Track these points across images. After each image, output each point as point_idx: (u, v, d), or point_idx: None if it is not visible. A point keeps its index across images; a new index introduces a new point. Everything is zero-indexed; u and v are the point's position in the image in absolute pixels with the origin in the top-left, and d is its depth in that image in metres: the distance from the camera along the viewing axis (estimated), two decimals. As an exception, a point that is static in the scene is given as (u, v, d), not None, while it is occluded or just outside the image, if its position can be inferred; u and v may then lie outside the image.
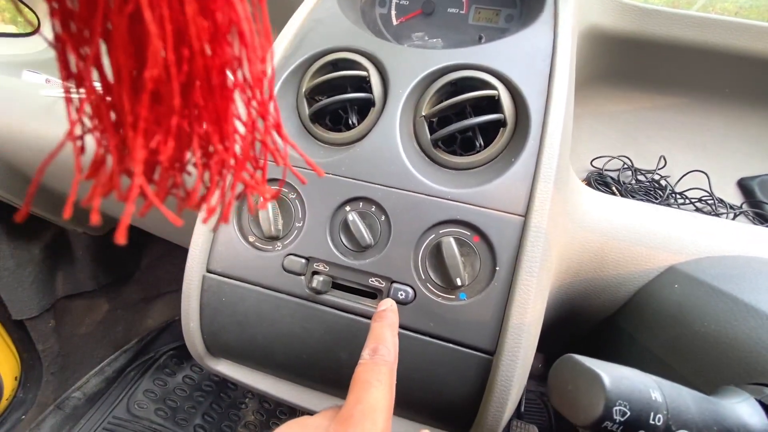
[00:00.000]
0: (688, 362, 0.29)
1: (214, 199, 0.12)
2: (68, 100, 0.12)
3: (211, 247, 0.38)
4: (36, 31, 0.81)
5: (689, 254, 0.36)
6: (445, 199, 0.34)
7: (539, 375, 1.07)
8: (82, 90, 0.12)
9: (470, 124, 0.37)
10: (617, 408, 0.17)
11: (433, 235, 0.34)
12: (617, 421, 0.17)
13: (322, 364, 0.36)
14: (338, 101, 0.40)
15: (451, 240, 0.33)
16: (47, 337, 0.90)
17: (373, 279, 0.35)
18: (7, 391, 0.89)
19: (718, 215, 0.54)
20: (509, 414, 0.33)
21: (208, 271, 0.38)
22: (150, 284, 1.09)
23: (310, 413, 0.38)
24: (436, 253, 0.34)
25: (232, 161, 0.12)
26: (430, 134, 0.38)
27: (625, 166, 0.59)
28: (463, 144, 0.40)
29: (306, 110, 0.41)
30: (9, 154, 0.58)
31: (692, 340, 0.29)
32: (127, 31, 0.09)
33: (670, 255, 0.36)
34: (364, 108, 0.41)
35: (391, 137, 0.37)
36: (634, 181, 0.57)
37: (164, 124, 0.10)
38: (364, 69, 0.41)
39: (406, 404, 0.36)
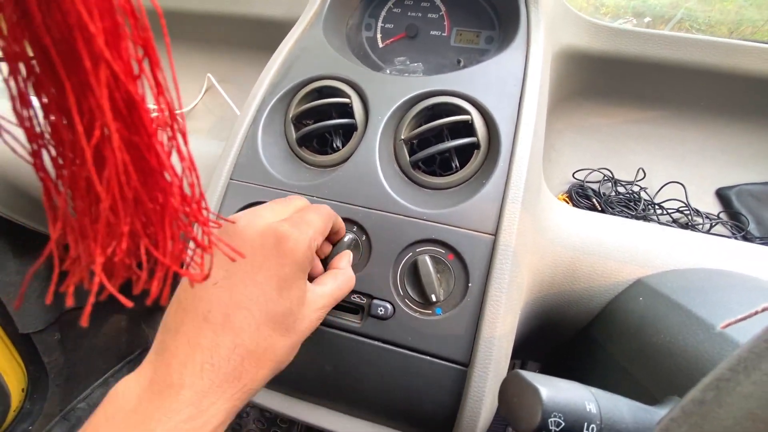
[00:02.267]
0: (647, 371, 0.31)
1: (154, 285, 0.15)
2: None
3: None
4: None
5: (656, 267, 0.38)
6: (421, 219, 0.37)
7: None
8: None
9: (446, 147, 0.39)
10: (552, 419, 0.19)
11: (411, 254, 0.36)
12: (553, 430, 0.19)
13: (308, 376, 0.38)
14: (323, 127, 0.42)
15: (427, 258, 0.35)
16: (53, 349, 0.92)
17: (354, 296, 0.37)
18: (15, 403, 0.92)
19: (694, 226, 0.56)
20: (485, 421, 0.35)
21: (201, 289, 0.40)
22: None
23: (300, 423, 0.40)
24: (414, 270, 0.36)
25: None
26: (410, 156, 0.41)
27: (606, 178, 0.61)
28: (442, 165, 0.43)
29: (293, 135, 0.44)
30: (14, 176, 0.60)
31: (651, 350, 0.31)
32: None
33: (638, 268, 0.38)
34: (348, 132, 0.43)
35: (371, 160, 0.39)
36: (614, 193, 0.59)
37: (117, 237, 0.13)
38: (347, 96, 0.43)
39: (388, 413, 0.38)
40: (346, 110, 0.44)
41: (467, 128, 0.40)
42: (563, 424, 0.19)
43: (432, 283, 0.34)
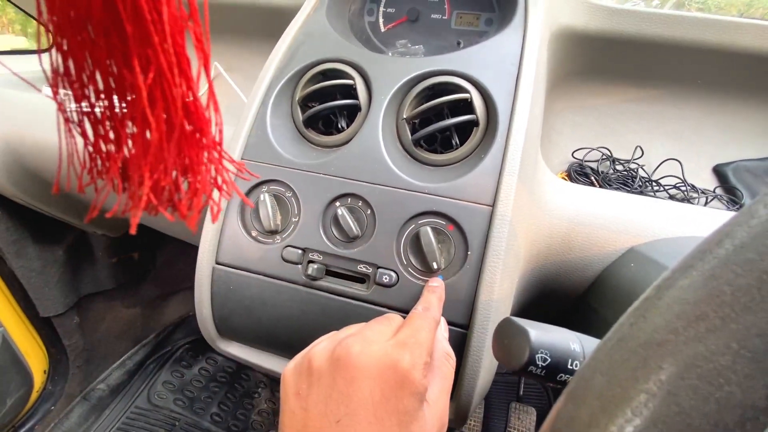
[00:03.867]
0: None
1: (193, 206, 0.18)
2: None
3: (219, 242, 0.42)
4: (51, 47, 0.87)
5: (647, 236, 0.40)
6: (423, 193, 0.39)
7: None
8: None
9: (446, 125, 0.41)
10: (539, 355, 0.21)
11: (413, 225, 0.38)
12: (539, 365, 0.21)
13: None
14: (328, 107, 0.44)
15: (428, 229, 0.37)
16: (72, 333, 0.96)
17: (361, 266, 0.39)
18: (38, 384, 0.96)
19: (690, 201, 0.57)
20: (484, 381, 0.37)
21: (217, 263, 0.43)
22: (165, 282, 1.15)
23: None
24: (416, 241, 0.38)
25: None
26: (412, 134, 0.43)
27: (604, 156, 0.62)
28: (443, 142, 0.44)
29: (300, 116, 0.46)
30: (35, 164, 0.63)
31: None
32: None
33: (630, 238, 0.40)
34: (353, 113, 0.45)
35: (375, 139, 0.41)
36: (612, 171, 0.61)
37: (164, 168, 0.16)
38: (351, 77, 0.45)
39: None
40: (350, 92, 0.45)
41: (467, 106, 0.42)
42: (549, 359, 0.21)
43: (433, 251, 0.36)
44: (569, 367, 0.21)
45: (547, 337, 0.21)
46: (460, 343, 0.37)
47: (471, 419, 0.95)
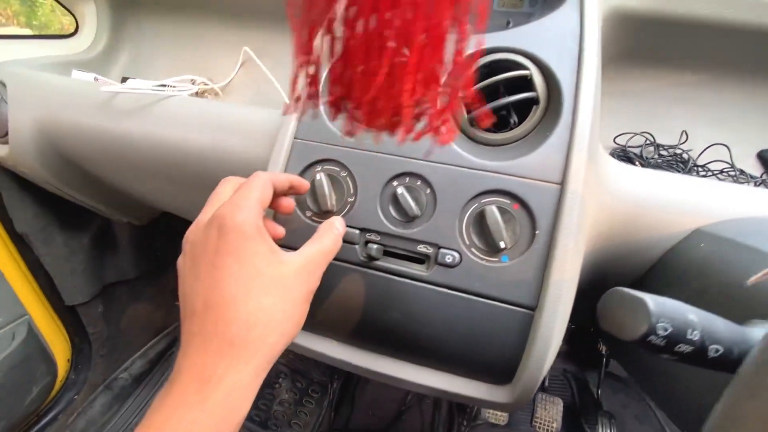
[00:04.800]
0: (713, 309, 0.32)
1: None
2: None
3: (273, 218, 0.42)
4: (75, 33, 0.86)
5: (713, 217, 0.39)
6: (486, 171, 0.38)
7: (563, 353, 1.10)
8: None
9: (506, 102, 0.40)
10: (660, 324, 0.20)
11: (476, 204, 0.38)
12: (660, 335, 0.20)
13: (377, 325, 0.40)
14: (380, 86, 0.43)
15: (494, 208, 0.36)
16: (96, 321, 0.96)
17: (421, 246, 0.38)
18: (61, 373, 0.96)
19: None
20: (549, 364, 0.36)
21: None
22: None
23: (363, 371, 0.42)
24: (480, 220, 0.37)
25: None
26: (467, 113, 0.42)
27: (647, 141, 0.61)
28: (497, 121, 0.43)
29: (350, 96, 0.45)
30: (68, 148, 0.62)
31: (718, 289, 0.32)
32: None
33: (695, 219, 0.39)
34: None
35: (434, 117, 0.40)
36: (656, 156, 0.60)
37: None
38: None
39: (451, 360, 0.40)
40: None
41: (525, 84, 0.41)
42: (670, 329, 0.20)
43: (500, 231, 0.36)
44: (689, 337, 0.21)
45: (665, 306, 0.21)
46: (526, 325, 0.36)
47: (497, 409, 0.95)
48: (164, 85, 0.64)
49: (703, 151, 0.59)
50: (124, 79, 0.82)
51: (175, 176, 0.58)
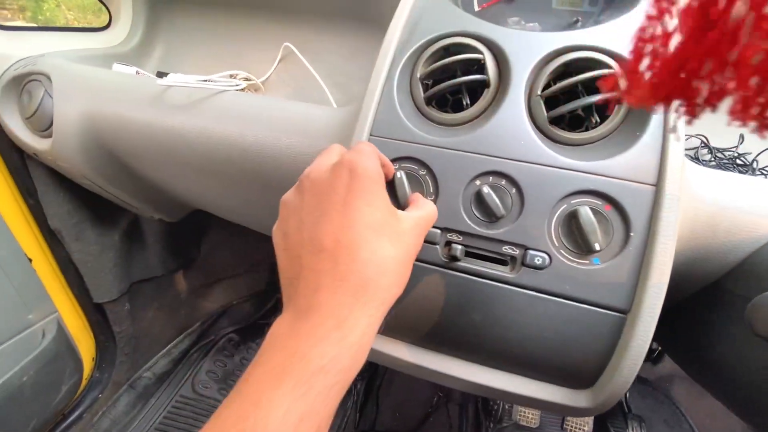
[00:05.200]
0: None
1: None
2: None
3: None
4: (108, 25, 0.84)
5: (801, 221, 0.38)
6: (575, 171, 0.37)
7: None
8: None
9: (589, 102, 0.39)
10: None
11: (565, 205, 0.37)
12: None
13: (455, 327, 0.39)
14: (455, 84, 0.42)
15: (587, 209, 0.35)
16: (123, 319, 0.95)
17: (506, 247, 0.38)
18: (87, 371, 0.95)
19: (800, 189, 0.55)
20: (639, 367, 0.36)
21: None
22: (209, 270, 1.14)
23: (434, 375, 0.41)
24: (569, 221, 0.36)
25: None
26: (546, 112, 0.41)
27: (702, 144, 0.60)
28: (571, 121, 0.43)
29: (421, 94, 0.44)
30: (113, 142, 0.61)
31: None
32: None
33: (781, 222, 0.39)
34: (473, 90, 0.43)
35: (518, 115, 0.39)
36: (711, 158, 0.59)
37: None
38: (478, 52, 0.43)
39: (530, 364, 0.39)
40: (475, 68, 0.44)
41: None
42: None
43: (595, 232, 0.35)
44: None
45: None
46: (616, 327, 0.36)
47: (529, 412, 0.94)
48: (207, 80, 0.63)
49: (760, 153, 0.59)
50: (159, 74, 0.80)
51: (225, 172, 0.56)
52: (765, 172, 0.57)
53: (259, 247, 1.18)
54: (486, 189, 0.37)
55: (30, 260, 0.76)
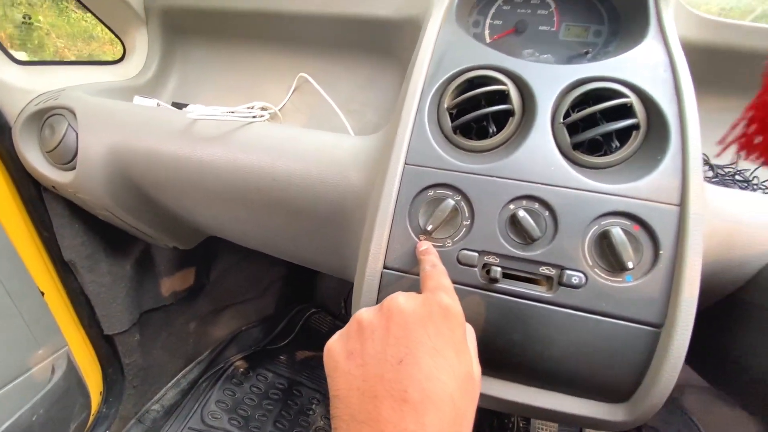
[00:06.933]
0: None
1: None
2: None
3: (387, 245, 0.42)
4: (122, 58, 0.86)
5: (810, 234, 0.41)
6: (604, 193, 0.39)
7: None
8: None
9: (611, 129, 0.42)
10: None
11: (596, 226, 0.39)
12: None
13: (494, 346, 0.41)
14: (483, 114, 0.45)
15: (619, 229, 0.38)
16: (133, 351, 0.93)
17: (543, 267, 0.40)
18: (94, 406, 0.92)
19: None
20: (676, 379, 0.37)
21: (386, 267, 0.42)
22: (218, 297, 1.12)
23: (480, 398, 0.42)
24: (602, 241, 0.39)
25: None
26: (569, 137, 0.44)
27: (704, 162, 0.64)
28: (590, 146, 0.46)
29: (449, 123, 0.46)
30: (138, 174, 0.62)
31: None
32: None
33: (793, 235, 0.42)
34: (498, 119, 0.46)
35: (546, 142, 0.42)
36: (713, 175, 0.63)
37: None
38: (502, 83, 0.46)
39: (569, 381, 0.41)
40: (497, 98, 0.46)
41: (624, 111, 0.43)
42: None
43: (627, 251, 0.37)
44: None
45: None
46: (651, 342, 0.38)
47: (546, 428, 0.95)
48: (233, 112, 0.65)
49: (755, 169, 0.63)
50: (175, 104, 0.82)
51: (252, 200, 0.58)
52: (762, 187, 0.61)
53: (269, 270, 1.18)
54: (521, 212, 0.40)
55: (42, 293, 0.75)
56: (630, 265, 0.37)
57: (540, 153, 0.42)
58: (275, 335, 1.22)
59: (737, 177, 0.62)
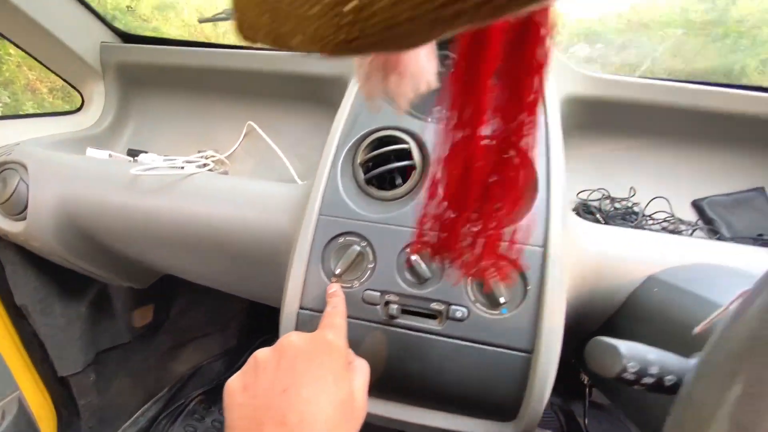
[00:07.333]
0: (669, 345, 0.40)
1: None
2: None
3: (303, 287, 0.48)
4: (80, 108, 0.91)
5: (662, 265, 0.49)
6: (483, 238, 0.46)
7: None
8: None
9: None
10: (630, 365, 0.28)
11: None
12: (630, 372, 0.28)
13: (396, 375, 0.46)
14: (391, 168, 0.52)
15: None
16: (88, 391, 0.94)
17: (434, 303, 0.46)
18: (47, 451, 0.92)
19: (679, 232, 0.68)
20: (547, 398, 0.43)
21: (302, 308, 0.47)
22: (178, 332, 1.14)
23: (382, 420, 0.47)
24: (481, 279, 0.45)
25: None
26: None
27: (604, 196, 0.73)
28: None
29: (362, 176, 0.53)
30: (88, 223, 0.66)
31: (672, 329, 0.41)
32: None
33: (648, 267, 0.49)
34: (403, 171, 0.53)
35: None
36: (612, 208, 0.71)
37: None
38: (406, 142, 0.53)
39: (464, 403, 0.46)
40: (402, 154, 0.54)
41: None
42: (637, 367, 0.28)
43: (499, 288, 0.44)
44: (650, 372, 0.28)
45: (631, 350, 0.29)
46: (524, 366, 0.44)
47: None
48: (177, 162, 0.70)
49: (648, 203, 0.71)
50: (130, 151, 0.87)
51: (196, 246, 0.62)
52: (653, 219, 0.69)
53: (231, 303, 1.21)
54: (414, 257, 0.46)
55: (-7, 339, 0.77)
56: (502, 300, 0.43)
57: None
58: (238, 368, 1.23)
59: (633, 209, 0.71)
